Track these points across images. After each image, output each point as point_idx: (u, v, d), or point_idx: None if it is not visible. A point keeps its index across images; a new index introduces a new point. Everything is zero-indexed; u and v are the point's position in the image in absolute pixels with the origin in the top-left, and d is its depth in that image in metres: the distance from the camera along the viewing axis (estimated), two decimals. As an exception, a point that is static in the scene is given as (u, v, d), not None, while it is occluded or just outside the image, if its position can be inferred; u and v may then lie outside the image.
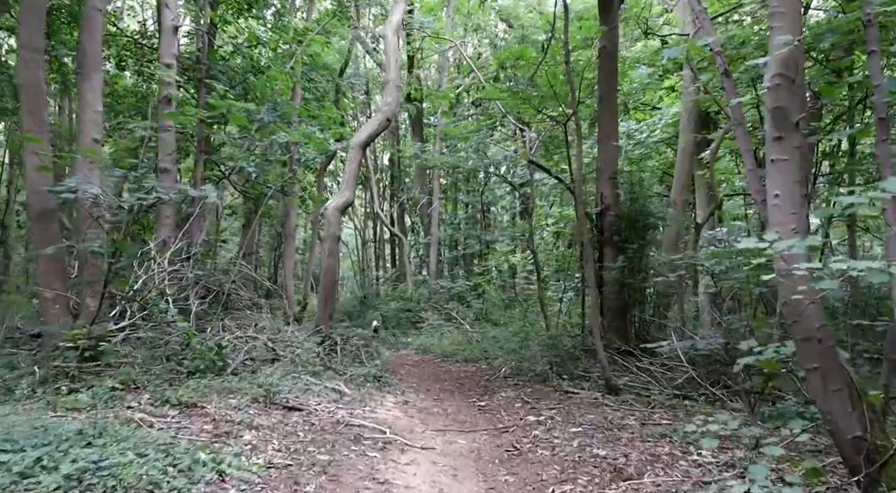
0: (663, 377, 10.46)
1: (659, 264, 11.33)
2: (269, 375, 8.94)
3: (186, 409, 7.08)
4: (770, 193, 4.75)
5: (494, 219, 27.22)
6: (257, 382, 8.32)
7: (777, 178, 4.71)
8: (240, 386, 8.09)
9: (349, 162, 13.13)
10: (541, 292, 16.07)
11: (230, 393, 7.84)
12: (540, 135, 14.80)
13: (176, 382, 8.15)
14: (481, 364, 14.66)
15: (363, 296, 27.42)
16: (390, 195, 31.93)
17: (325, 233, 12.76)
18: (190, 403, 7.21)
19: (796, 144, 4.74)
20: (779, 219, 4.69)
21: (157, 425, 6.28)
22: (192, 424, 6.56)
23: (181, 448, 5.35)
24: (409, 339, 19.24)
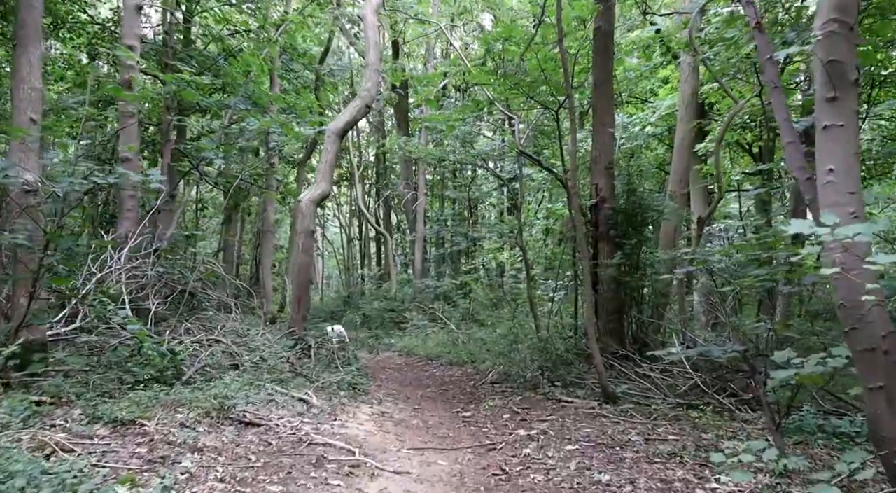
0: (664, 384, 9.51)
1: (659, 260, 10.38)
2: (228, 384, 7.91)
3: (122, 427, 6.04)
4: (822, 168, 3.77)
5: (482, 216, 26.23)
6: (213, 392, 7.28)
7: (831, 149, 3.74)
8: (192, 398, 7.05)
9: (326, 151, 12.11)
10: (530, 291, 15.09)
11: (179, 407, 6.80)
12: (529, 126, 13.81)
13: (118, 394, 7.11)
14: (467, 368, 13.67)
15: (347, 295, 26.41)
16: (376, 192, 30.91)
17: (299, 227, 11.74)
18: (128, 420, 6.17)
19: (855, 107, 3.76)
20: (833, 199, 3.71)
21: (80, 449, 5.24)
22: (125, 447, 5.53)
23: (93, 483, 4.32)
24: (392, 340, 18.23)
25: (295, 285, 11.71)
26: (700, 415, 8.24)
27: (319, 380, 9.48)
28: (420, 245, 21.37)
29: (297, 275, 11.70)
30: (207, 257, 12.58)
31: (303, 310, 11.67)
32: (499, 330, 16.39)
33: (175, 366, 8.07)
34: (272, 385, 8.47)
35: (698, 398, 8.94)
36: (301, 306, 11.66)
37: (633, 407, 8.66)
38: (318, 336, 11.59)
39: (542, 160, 12.92)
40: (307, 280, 11.72)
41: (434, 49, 24.60)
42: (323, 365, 10.59)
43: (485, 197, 23.96)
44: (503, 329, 16.24)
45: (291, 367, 9.73)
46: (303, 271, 11.68)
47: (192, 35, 16.14)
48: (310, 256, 11.80)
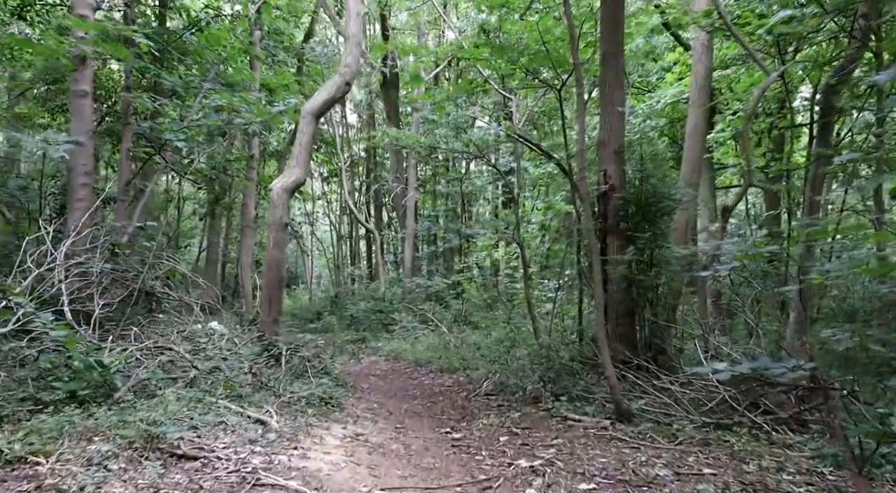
0: (685, 399, 8.10)
1: (678, 256, 8.99)
2: (169, 402, 6.48)
3: (7, 466, 4.60)
4: None
5: (477, 212, 24.78)
6: (145, 415, 5.84)
7: None
8: (116, 422, 5.62)
9: (300, 134, 10.69)
10: (528, 290, 13.69)
11: (95, 434, 5.37)
12: (529, 107, 12.39)
13: (23, 418, 5.66)
14: (459, 376, 12.27)
15: (334, 295, 24.97)
16: (366, 188, 29.46)
17: (271, 218, 10.31)
18: (22, 455, 4.74)
19: None
20: None
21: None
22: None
23: None
24: (379, 343, 16.82)
25: (265, 284, 10.28)
26: (734, 438, 6.87)
27: (286, 394, 8.05)
28: (410, 242, 19.93)
29: (267, 272, 10.28)
30: (168, 253, 11.11)
31: (274, 311, 10.24)
32: (494, 333, 15.02)
33: (107, 380, 6.63)
34: (226, 403, 7.04)
35: (727, 416, 7.56)
36: (272, 307, 10.22)
37: (652, 427, 7.27)
38: (291, 342, 10.16)
39: (543, 146, 11.49)
40: (279, 278, 10.29)
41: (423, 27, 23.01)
42: (293, 375, 9.15)
43: (478, 192, 22.52)
44: (498, 333, 14.86)
45: (255, 378, 8.29)
46: (274, 267, 10.25)
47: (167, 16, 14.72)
48: (281, 250, 10.36)
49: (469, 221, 21.84)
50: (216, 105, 10.76)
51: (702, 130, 12.28)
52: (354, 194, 29.42)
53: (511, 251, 18.17)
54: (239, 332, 10.54)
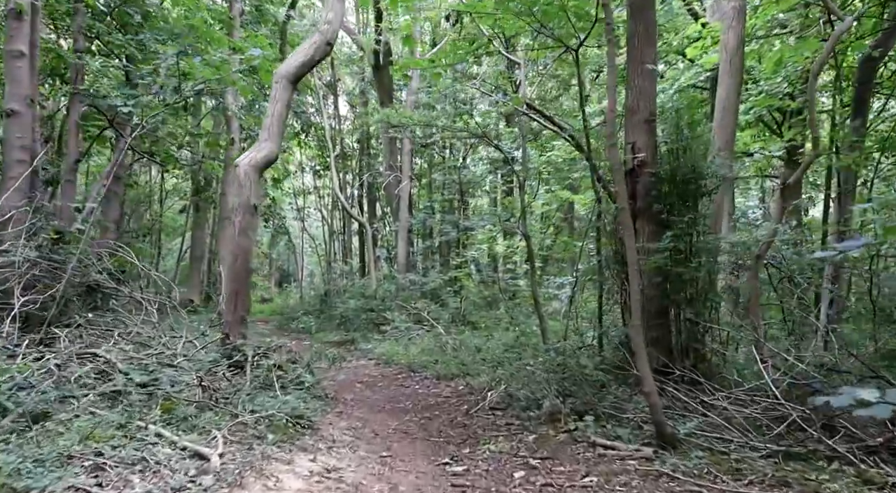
0: (741, 417, 6.42)
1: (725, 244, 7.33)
2: (75, 429, 4.78)
3: None
4: None
5: (475, 205, 23.05)
6: (18, 455, 4.14)
7: None
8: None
9: (273, 101, 8.98)
10: (534, 287, 12.02)
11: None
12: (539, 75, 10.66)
13: None
14: (458, 383, 10.58)
15: (324, 293, 23.23)
16: (359, 181, 27.72)
17: (237, 200, 8.60)
18: None
19: None
20: None
21: None
22: None
23: None
24: (369, 345, 15.10)
25: (229, 277, 8.57)
26: (814, 473, 5.22)
27: (245, 413, 6.35)
28: (404, 236, 18.21)
29: (231, 264, 8.57)
30: (117, 242, 9.39)
31: (240, 309, 8.53)
32: (496, 335, 13.34)
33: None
34: (159, 428, 5.34)
35: (798, 442, 5.90)
36: (238, 304, 8.52)
37: (707, 458, 5.61)
38: (261, 346, 8.45)
39: (555, 119, 9.80)
40: (246, 270, 8.58)
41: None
42: (259, 387, 7.44)
43: (477, 182, 20.77)
44: (501, 334, 13.19)
45: (206, 392, 6.58)
46: (241, 257, 8.54)
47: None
48: (250, 238, 8.64)
49: (466, 211, 20.08)
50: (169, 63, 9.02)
51: (734, 102, 10.60)
52: (347, 188, 27.69)
53: (513, 244, 16.48)
54: (201, 334, 8.83)
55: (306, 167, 31.83)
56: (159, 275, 9.19)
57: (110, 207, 16.13)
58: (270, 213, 24.68)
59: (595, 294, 13.03)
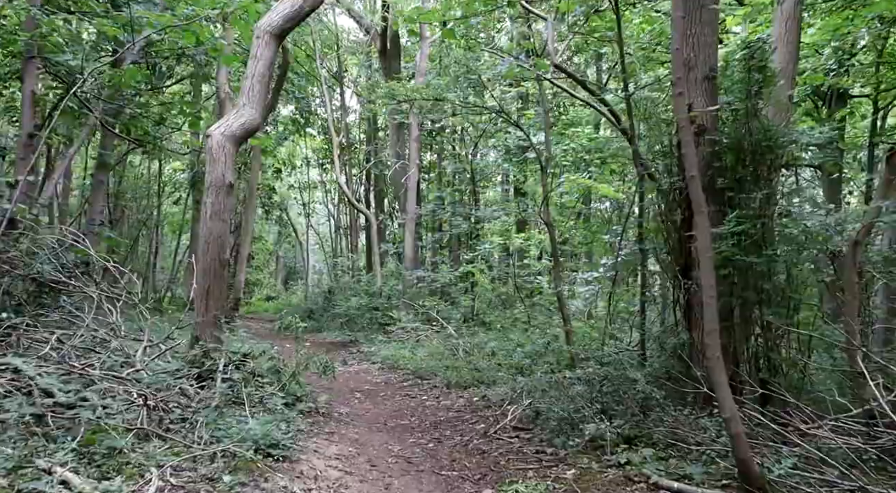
0: (845, 446, 4.85)
1: (820, 225, 5.77)
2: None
3: None
4: None
5: (486, 198, 21.41)
6: None
7: None
8: None
9: (253, 60, 7.46)
10: (557, 282, 10.48)
11: None
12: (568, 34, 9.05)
13: None
14: (472, 394, 9.07)
15: (328, 291, 21.73)
16: (365, 174, 26.21)
17: (208, 177, 7.08)
18: None
19: None
20: None
21: None
22: None
23: None
24: (373, 347, 13.60)
25: (200, 269, 7.04)
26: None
27: (201, 441, 4.84)
28: (411, 228, 16.64)
29: (202, 252, 7.04)
30: (64, 228, 7.88)
31: (214, 308, 7.01)
32: (513, 336, 11.80)
33: None
34: (67, 471, 3.83)
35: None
36: (210, 302, 7.00)
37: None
38: (236, 351, 6.93)
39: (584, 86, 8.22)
40: (219, 261, 7.05)
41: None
42: (228, 402, 5.93)
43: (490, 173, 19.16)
44: (519, 336, 11.65)
45: (154, 413, 5.07)
46: (212, 246, 7.01)
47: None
48: (223, 222, 7.11)
49: (478, 202, 18.44)
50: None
51: (790, 74, 9.05)
52: (352, 181, 26.19)
53: (532, 236, 14.91)
54: (166, 338, 7.31)
55: (312, 161, 30.34)
56: (116, 266, 7.62)
57: (97, 197, 14.70)
58: (272, 205, 23.16)
59: (628, 291, 11.50)
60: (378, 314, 15.54)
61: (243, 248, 16.18)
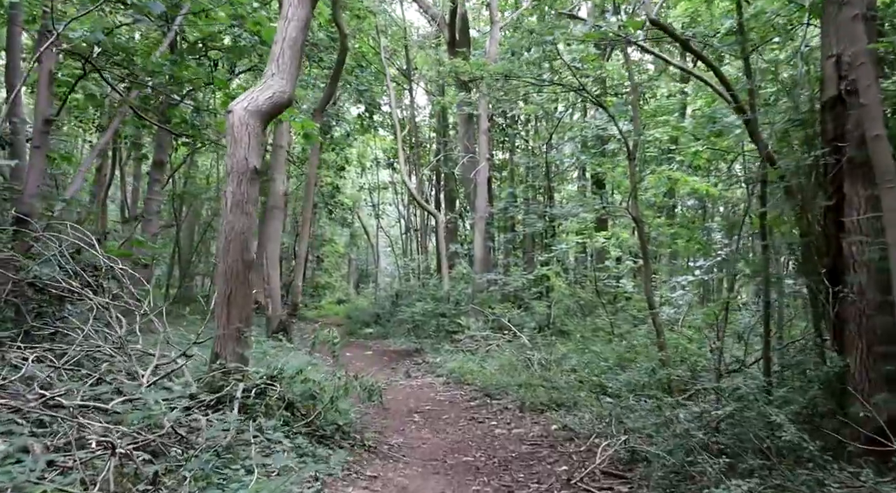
0: None
1: None
2: None
3: None
4: None
5: (561, 197, 19.71)
6: None
7: None
8: None
9: (284, 20, 6.15)
10: (647, 286, 8.89)
11: None
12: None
13: None
14: (550, 419, 7.59)
15: (395, 294, 20.50)
16: (435, 173, 24.90)
17: (228, 161, 5.81)
18: None
19: None
20: None
21: None
22: None
23: None
24: (438, 357, 12.24)
25: (221, 274, 5.78)
26: None
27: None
28: (481, 228, 15.18)
29: (224, 252, 5.78)
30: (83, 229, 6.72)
31: (236, 318, 5.73)
32: (595, 348, 10.21)
33: None
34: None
35: None
36: (231, 313, 5.72)
37: None
38: (261, 372, 5.62)
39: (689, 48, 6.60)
40: (242, 262, 5.77)
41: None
42: (240, 439, 4.62)
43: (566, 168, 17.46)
44: (603, 348, 10.06)
45: (123, 467, 3.77)
46: (234, 244, 5.74)
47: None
48: (248, 216, 5.82)
49: (552, 199, 16.76)
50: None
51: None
52: (422, 180, 24.97)
53: (617, 235, 13.22)
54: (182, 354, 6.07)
55: (381, 161, 29.27)
56: (124, 270, 6.41)
57: (152, 197, 13.85)
58: (335, 204, 22.07)
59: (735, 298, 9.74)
60: (445, 321, 14.15)
61: (300, 249, 15.02)
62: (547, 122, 16.95)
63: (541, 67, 10.37)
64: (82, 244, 6.34)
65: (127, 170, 21.08)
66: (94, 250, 6.40)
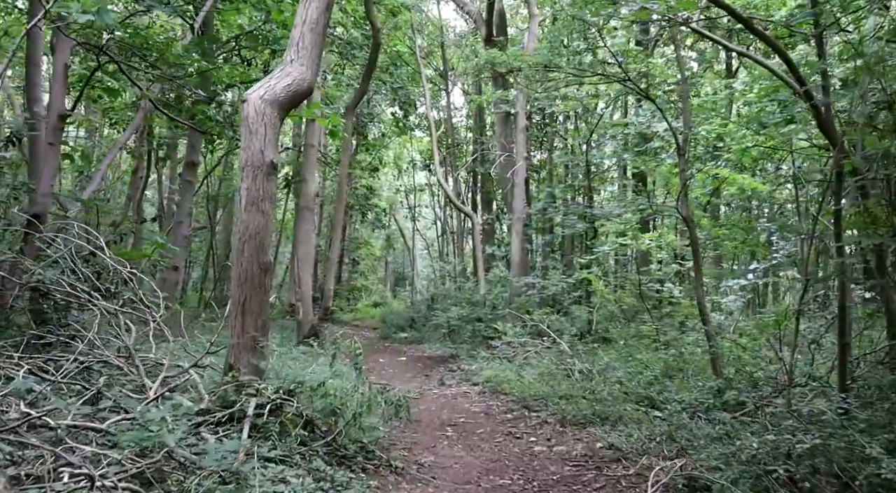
0: None
1: None
2: None
3: None
4: None
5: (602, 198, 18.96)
6: None
7: None
8: None
9: (304, 2, 5.64)
10: (699, 291, 8.20)
11: None
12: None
13: None
14: (594, 436, 6.97)
15: (430, 298, 19.96)
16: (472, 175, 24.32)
17: (243, 154, 5.31)
18: None
19: None
20: None
21: None
22: None
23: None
24: (474, 364, 11.65)
25: (235, 277, 5.28)
26: None
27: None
28: (519, 229, 14.53)
29: (237, 255, 5.29)
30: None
31: (250, 327, 5.22)
32: (640, 356, 9.55)
33: None
34: None
35: None
36: (246, 321, 5.21)
37: None
38: (279, 387, 5.10)
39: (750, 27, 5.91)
40: (258, 264, 5.26)
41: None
42: (251, 462, 4.09)
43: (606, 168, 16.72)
44: (649, 356, 9.39)
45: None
46: (249, 246, 5.24)
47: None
48: (264, 214, 5.31)
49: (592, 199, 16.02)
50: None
51: None
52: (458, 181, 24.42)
53: (663, 235, 12.48)
54: (194, 364, 5.58)
55: (418, 163, 28.79)
56: (133, 273, 5.96)
57: (184, 199, 13.53)
58: (369, 206, 21.59)
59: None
60: (481, 326, 13.54)
61: (332, 251, 14.56)
62: (587, 120, 16.25)
63: (582, 57, 9.72)
64: (91, 247, 5.89)
65: (165, 172, 20.96)
66: (103, 252, 5.94)
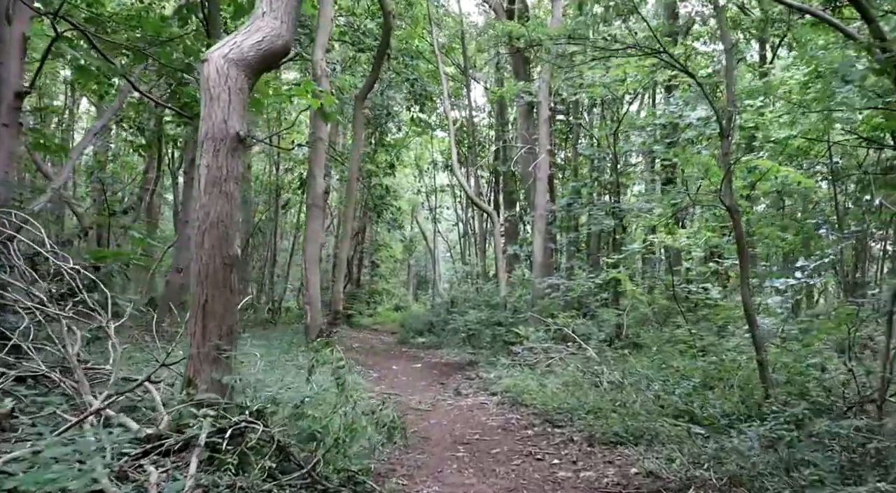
0: None
1: None
2: None
3: None
4: None
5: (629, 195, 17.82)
6: None
7: None
8: None
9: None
10: (746, 291, 7.13)
11: None
12: None
13: None
14: (627, 458, 5.95)
15: (450, 301, 18.97)
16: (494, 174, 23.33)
17: (202, 125, 4.39)
18: None
19: None
20: None
21: None
22: None
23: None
24: (492, 372, 10.63)
25: (195, 275, 4.35)
26: None
27: None
28: (541, 227, 13.47)
29: (196, 248, 4.36)
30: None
31: (213, 334, 4.29)
32: (676, 363, 8.50)
33: None
34: None
35: None
36: (208, 326, 4.28)
37: None
38: (246, 406, 4.15)
39: None
40: (221, 258, 4.33)
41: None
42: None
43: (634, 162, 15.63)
44: (685, 363, 8.32)
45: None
46: (210, 236, 4.31)
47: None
48: (227, 197, 4.38)
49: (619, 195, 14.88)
50: None
51: None
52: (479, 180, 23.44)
53: (702, 231, 11.35)
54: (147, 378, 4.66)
55: (439, 164, 27.86)
56: (76, 270, 5.07)
57: (188, 197, 12.77)
58: (385, 206, 20.61)
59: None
60: (502, 330, 12.51)
61: (341, 251, 13.61)
62: (613, 110, 15.16)
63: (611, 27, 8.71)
64: (29, 242, 4.99)
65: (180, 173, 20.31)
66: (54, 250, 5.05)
